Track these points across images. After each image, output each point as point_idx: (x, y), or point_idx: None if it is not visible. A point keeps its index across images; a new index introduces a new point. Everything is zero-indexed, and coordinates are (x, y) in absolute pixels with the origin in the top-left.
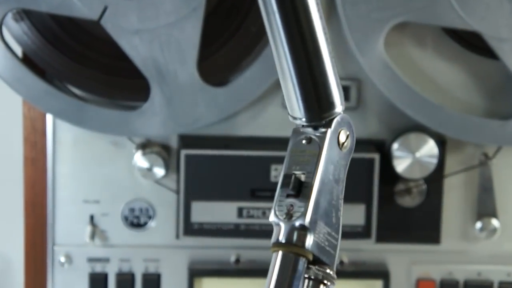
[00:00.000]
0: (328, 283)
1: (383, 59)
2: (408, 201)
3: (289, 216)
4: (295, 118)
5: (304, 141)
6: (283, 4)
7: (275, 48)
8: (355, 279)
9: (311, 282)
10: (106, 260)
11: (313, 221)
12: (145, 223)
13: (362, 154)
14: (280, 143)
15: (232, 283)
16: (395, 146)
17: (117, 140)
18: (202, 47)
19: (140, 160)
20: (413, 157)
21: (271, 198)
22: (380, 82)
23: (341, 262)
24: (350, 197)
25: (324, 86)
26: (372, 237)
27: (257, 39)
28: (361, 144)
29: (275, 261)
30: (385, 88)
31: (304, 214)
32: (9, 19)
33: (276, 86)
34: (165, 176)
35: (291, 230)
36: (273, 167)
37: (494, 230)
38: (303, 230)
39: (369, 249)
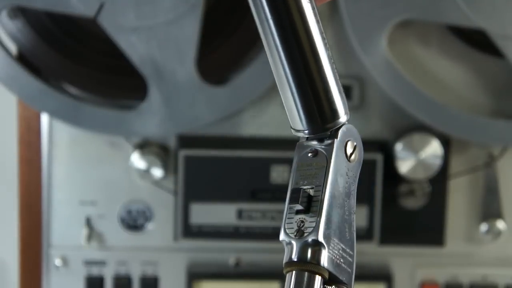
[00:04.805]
0: None
1: (386, 58)
2: (411, 203)
3: (300, 233)
4: (297, 131)
5: (310, 154)
6: (277, 11)
7: (271, 59)
8: (358, 283)
9: None
10: (102, 263)
11: (327, 236)
12: (143, 225)
13: (365, 154)
14: (280, 143)
15: (232, 287)
16: (398, 146)
17: (114, 140)
18: (201, 45)
19: (137, 160)
20: (417, 158)
21: (271, 199)
22: (383, 81)
23: None
24: None
25: (326, 96)
26: (374, 239)
27: (257, 36)
28: (363, 144)
29: (290, 282)
30: (388, 87)
31: (316, 229)
32: (4, 17)
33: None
34: (163, 177)
35: (304, 247)
36: (273, 168)
37: (500, 232)
38: (317, 246)
39: (371, 252)
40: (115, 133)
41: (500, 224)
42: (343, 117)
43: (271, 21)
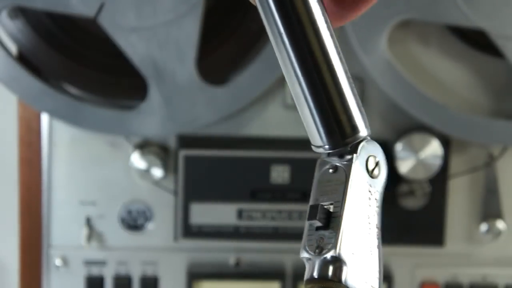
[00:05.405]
0: None
1: (386, 58)
2: (411, 203)
3: (319, 249)
4: (317, 147)
5: (330, 170)
6: (291, 26)
7: (287, 75)
8: None
9: None
10: (102, 263)
11: (347, 252)
12: (143, 225)
13: None
14: (280, 143)
15: (232, 286)
16: (398, 146)
17: (114, 140)
18: (201, 45)
19: (137, 160)
20: (416, 158)
21: (271, 199)
22: (383, 81)
23: None
24: None
25: (344, 110)
26: None
27: (257, 37)
28: None
29: None
30: (388, 87)
31: (335, 246)
32: (4, 17)
33: (277, 85)
34: (163, 177)
35: (325, 264)
36: (273, 168)
37: (500, 232)
38: (338, 262)
39: None
40: (115, 133)
41: (500, 224)
42: (363, 131)
43: (285, 37)
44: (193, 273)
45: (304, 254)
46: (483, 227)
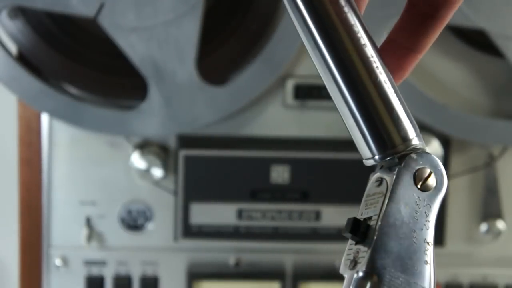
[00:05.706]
0: None
1: None
2: None
3: (354, 263)
4: (368, 159)
5: (376, 183)
6: (328, 37)
7: (330, 89)
8: None
9: None
10: (102, 263)
11: (380, 268)
12: (143, 225)
13: None
14: (280, 143)
15: (232, 286)
16: None
17: (114, 140)
18: (201, 45)
19: (137, 161)
20: None
21: (271, 199)
22: None
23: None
24: (351, 198)
25: (391, 118)
26: None
27: (257, 37)
28: None
29: None
30: None
31: (366, 260)
32: (4, 17)
33: (277, 85)
34: (163, 177)
35: (360, 279)
36: (273, 168)
37: (500, 232)
38: (374, 279)
39: None
40: (115, 133)
41: (500, 224)
42: (414, 141)
43: (322, 46)
44: (193, 273)
45: (342, 268)
46: (483, 227)
